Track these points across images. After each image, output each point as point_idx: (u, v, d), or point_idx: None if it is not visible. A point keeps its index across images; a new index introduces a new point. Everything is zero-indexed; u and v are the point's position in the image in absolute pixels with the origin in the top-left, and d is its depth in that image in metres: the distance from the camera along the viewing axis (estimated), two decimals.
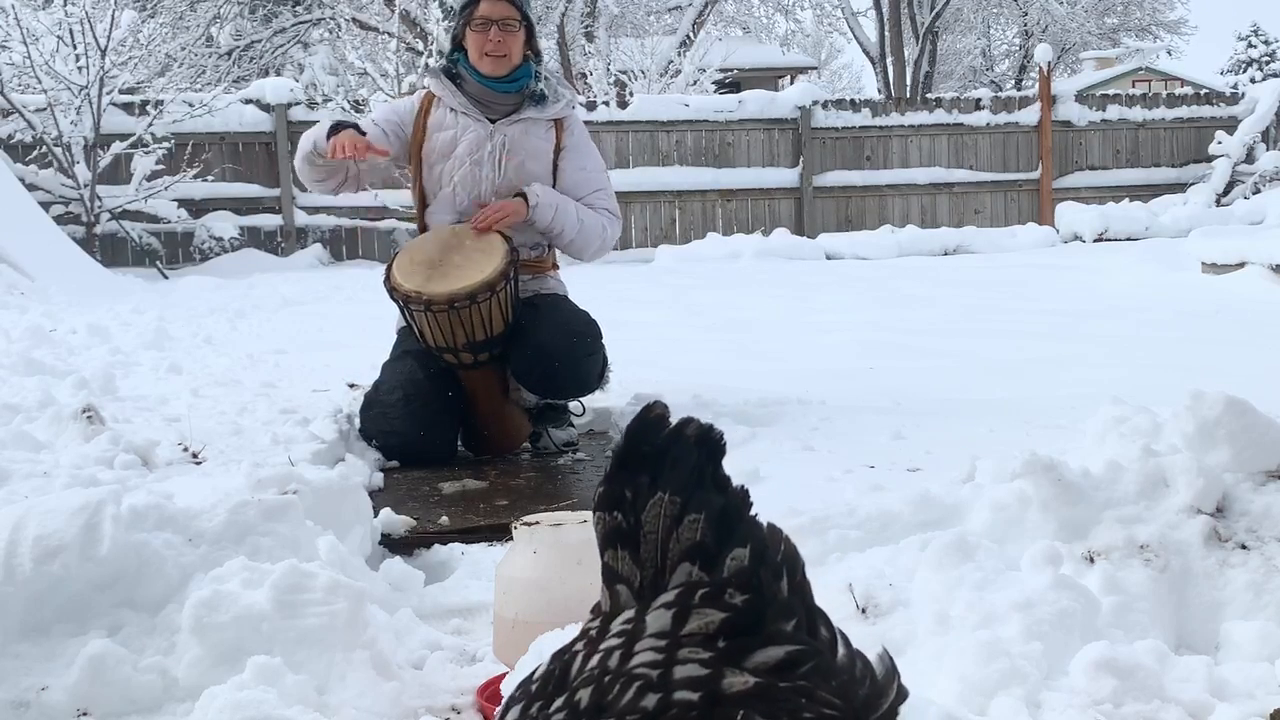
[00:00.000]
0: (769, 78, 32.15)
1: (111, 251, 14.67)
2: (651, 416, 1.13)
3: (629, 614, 1.07)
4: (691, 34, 25.99)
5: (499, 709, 1.11)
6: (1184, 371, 5.35)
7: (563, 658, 1.08)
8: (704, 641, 1.03)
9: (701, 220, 17.09)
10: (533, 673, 1.09)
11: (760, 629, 1.05)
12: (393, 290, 4.28)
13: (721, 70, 22.24)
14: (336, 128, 4.29)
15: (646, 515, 1.08)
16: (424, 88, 4.68)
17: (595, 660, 1.04)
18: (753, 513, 1.11)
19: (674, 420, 1.14)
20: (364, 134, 4.32)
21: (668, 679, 1.00)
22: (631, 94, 19.07)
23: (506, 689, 2.07)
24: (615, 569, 1.10)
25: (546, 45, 25.07)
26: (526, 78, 4.53)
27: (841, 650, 1.10)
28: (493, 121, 4.51)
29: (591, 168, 4.64)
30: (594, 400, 4.67)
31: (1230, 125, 18.45)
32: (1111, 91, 22.20)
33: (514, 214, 4.37)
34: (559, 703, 1.02)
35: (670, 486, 1.08)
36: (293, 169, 15.80)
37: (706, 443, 1.12)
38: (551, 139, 4.57)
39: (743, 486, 1.12)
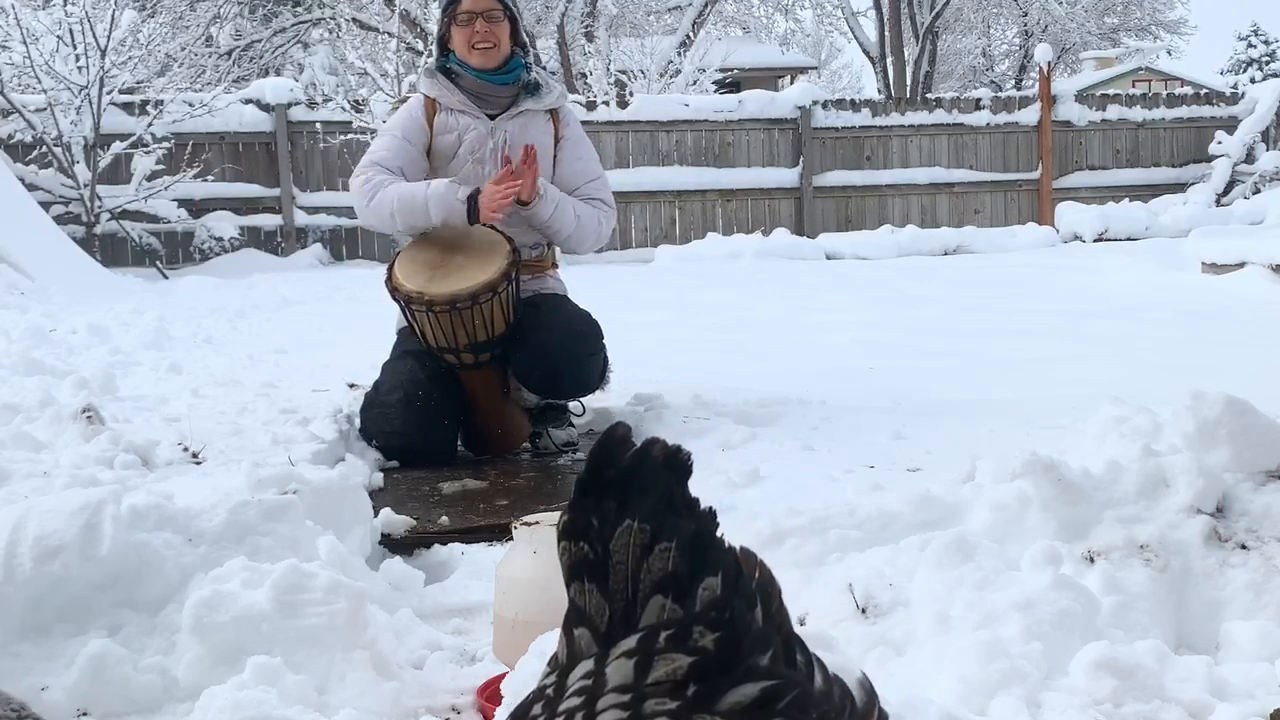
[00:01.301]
0: (769, 78, 32.14)
1: (111, 251, 14.67)
2: (615, 438, 1.08)
3: (587, 666, 1.00)
4: (691, 34, 25.97)
5: None
6: (1184, 371, 5.35)
7: None
8: (671, 690, 0.96)
9: (701, 220, 17.09)
10: None
11: (733, 666, 0.99)
12: (394, 290, 4.28)
13: (721, 70, 22.21)
14: (470, 205, 4.21)
15: (615, 544, 1.02)
16: (419, 92, 4.63)
17: None
18: (720, 534, 1.06)
19: (638, 441, 1.09)
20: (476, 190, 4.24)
21: None
22: (631, 94, 19.06)
23: (506, 689, 2.07)
24: (580, 606, 1.04)
25: (546, 45, 25.08)
26: (519, 68, 4.54)
27: (819, 678, 1.06)
28: (492, 118, 4.51)
29: (587, 158, 4.67)
30: (594, 400, 4.67)
31: (1230, 125, 18.45)
32: (1111, 91, 22.18)
33: (529, 191, 4.28)
34: None
35: (639, 513, 1.03)
36: (292, 170, 15.82)
37: (674, 464, 1.06)
38: (550, 131, 4.58)
39: (710, 508, 1.06)
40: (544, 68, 4.90)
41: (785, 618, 1.07)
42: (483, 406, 4.42)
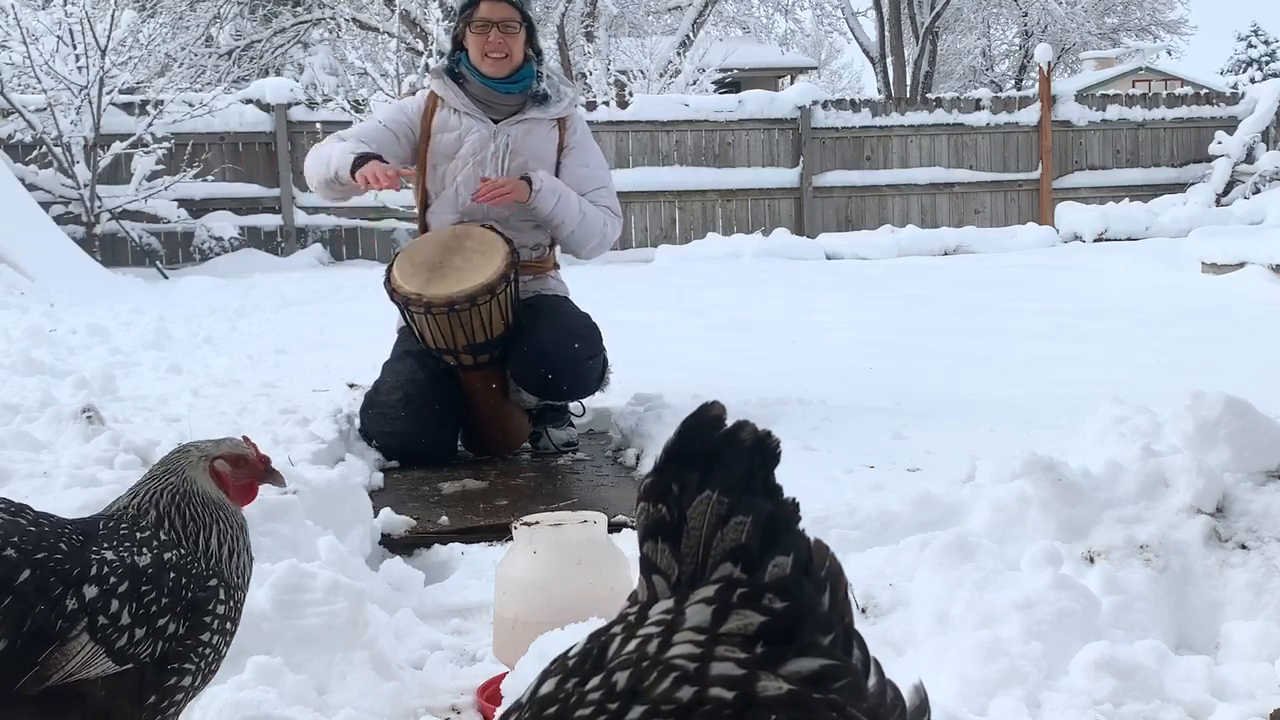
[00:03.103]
0: (769, 78, 32.13)
1: (111, 251, 14.67)
2: (708, 416, 1.11)
3: (667, 604, 1.08)
4: (691, 34, 25.97)
5: (530, 685, 1.12)
6: (1184, 371, 5.35)
7: (600, 638, 1.09)
8: (742, 643, 1.03)
9: (701, 220, 17.09)
10: (569, 650, 1.11)
11: (797, 638, 1.05)
12: (393, 292, 4.28)
13: (721, 70, 22.22)
14: (360, 160, 4.26)
15: (692, 511, 1.08)
16: (426, 88, 4.68)
17: (633, 645, 1.05)
18: (800, 526, 1.11)
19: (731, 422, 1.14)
20: (384, 160, 4.31)
21: (704, 674, 1.01)
22: (631, 94, 19.06)
23: (507, 689, 2.07)
24: (653, 560, 1.10)
25: (546, 45, 25.07)
26: (529, 78, 4.53)
27: (874, 677, 1.10)
28: (496, 122, 4.51)
29: (594, 165, 4.64)
30: (594, 400, 4.67)
31: (1230, 125, 18.44)
32: (1111, 91, 22.18)
33: (516, 192, 4.34)
34: (595, 681, 1.04)
35: (719, 486, 1.08)
36: (293, 169, 15.80)
37: (761, 449, 1.11)
38: (555, 138, 4.58)
39: (794, 499, 1.11)
40: (551, 75, 4.93)
41: (849, 610, 1.11)
42: (482, 407, 4.42)
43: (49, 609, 1.64)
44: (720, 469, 1.09)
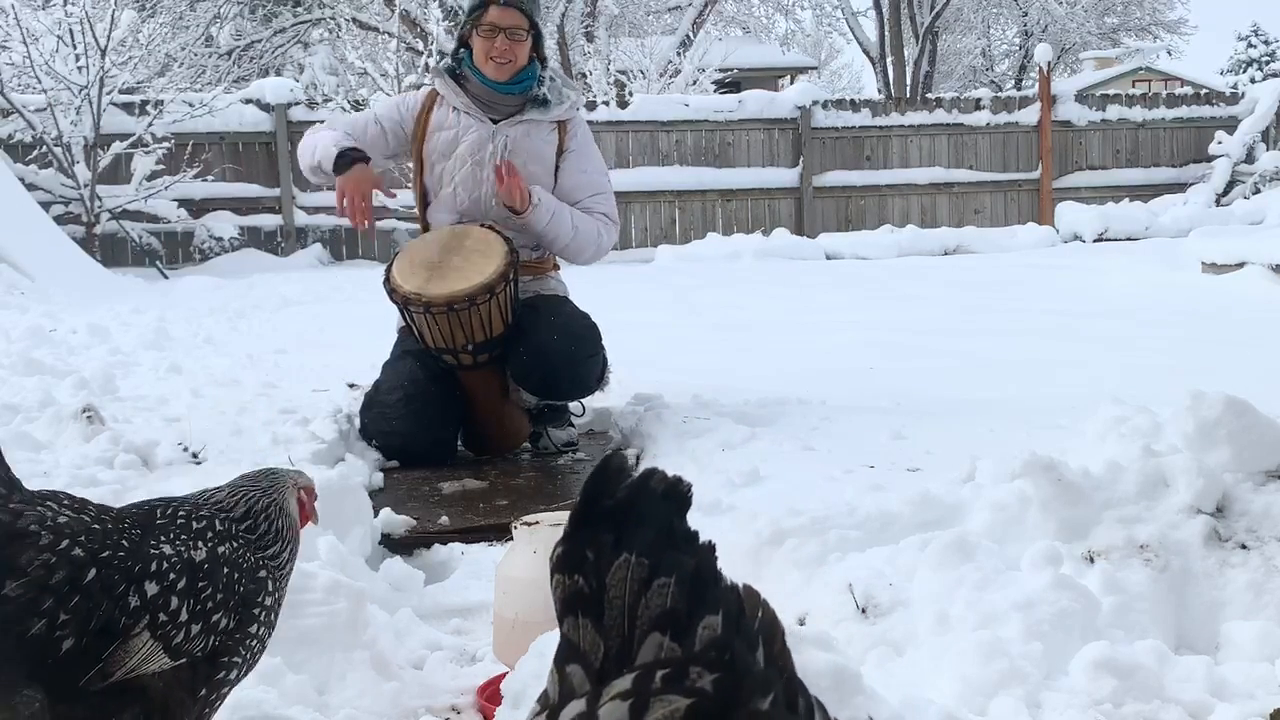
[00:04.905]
0: (769, 78, 32.12)
1: (111, 251, 14.66)
2: (611, 468, 1.03)
3: (579, 706, 0.94)
4: (691, 34, 25.97)
5: None
6: (1184, 372, 5.34)
7: None
8: None
9: (701, 220, 17.09)
10: None
11: (733, 709, 0.93)
12: (392, 292, 4.28)
13: (721, 70, 22.22)
14: (344, 157, 4.36)
15: (611, 579, 0.97)
16: (428, 84, 4.69)
17: None
18: (721, 570, 1.01)
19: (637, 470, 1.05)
20: (368, 161, 4.44)
21: None
22: (631, 94, 19.06)
23: (506, 689, 2.07)
24: (574, 642, 0.99)
25: (546, 45, 25.09)
26: (531, 80, 4.53)
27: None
28: (495, 122, 4.51)
29: (592, 170, 4.64)
30: (594, 400, 4.68)
31: (1230, 125, 18.44)
32: (1111, 91, 22.18)
33: (519, 194, 4.33)
34: None
35: (637, 547, 0.97)
36: (292, 169, 15.78)
37: (673, 496, 1.02)
38: (554, 141, 4.58)
39: (709, 542, 1.02)
40: (554, 78, 4.92)
41: (788, 659, 1.02)
42: (482, 407, 4.42)
43: (113, 606, 1.67)
44: (634, 526, 0.98)
